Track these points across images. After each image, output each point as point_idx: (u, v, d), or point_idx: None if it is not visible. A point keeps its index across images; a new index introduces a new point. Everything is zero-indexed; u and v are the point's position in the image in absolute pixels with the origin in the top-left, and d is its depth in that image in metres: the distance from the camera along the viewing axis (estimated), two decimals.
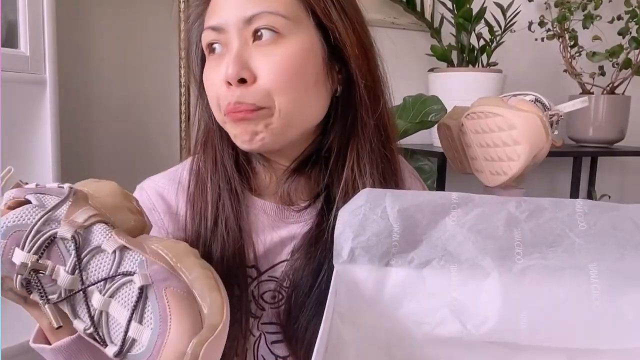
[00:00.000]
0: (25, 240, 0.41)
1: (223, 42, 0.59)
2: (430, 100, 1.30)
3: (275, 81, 0.57)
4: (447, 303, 0.48)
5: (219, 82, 0.59)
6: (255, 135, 0.58)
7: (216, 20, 0.59)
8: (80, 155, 1.33)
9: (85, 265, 0.41)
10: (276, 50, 0.57)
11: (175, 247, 0.43)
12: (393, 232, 0.50)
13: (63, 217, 0.42)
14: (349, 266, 0.50)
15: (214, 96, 0.60)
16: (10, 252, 0.41)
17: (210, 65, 0.61)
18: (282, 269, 0.65)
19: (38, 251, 0.41)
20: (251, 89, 0.57)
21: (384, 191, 0.53)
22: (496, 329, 0.46)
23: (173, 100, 1.38)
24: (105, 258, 0.42)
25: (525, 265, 0.48)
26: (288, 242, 0.65)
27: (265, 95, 0.57)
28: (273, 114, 0.58)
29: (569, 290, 0.46)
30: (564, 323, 0.46)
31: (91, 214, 0.44)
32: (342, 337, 0.47)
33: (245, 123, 0.58)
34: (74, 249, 0.41)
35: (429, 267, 0.49)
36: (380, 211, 0.51)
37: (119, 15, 1.37)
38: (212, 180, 0.64)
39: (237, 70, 0.56)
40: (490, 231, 0.49)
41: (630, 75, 1.87)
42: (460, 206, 0.51)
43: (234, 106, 0.57)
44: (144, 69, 1.41)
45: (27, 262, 0.40)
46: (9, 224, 0.42)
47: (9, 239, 0.41)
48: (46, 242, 0.41)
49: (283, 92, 0.57)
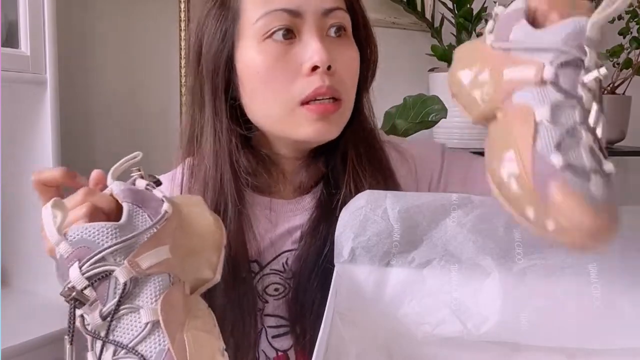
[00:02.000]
0: (87, 261, 0.40)
1: (296, 27, 0.58)
2: (430, 100, 1.30)
3: (349, 76, 0.60)
4: (448, 303, 0.48)
5: (294, 68, 0.58)
6: (327, 130, 0.60)
7: (295, 4, 0.57)
8: (80, 155, 1.33)
9: (120, 318, 0.41)
10: (348, 48, 0.61)
11: (208, 343, 0.42)
12: (394, 232, 0.50)
13: (129, 257, 0.41)
14: (350, 266, 0.50)
15: (285, 83, 0.58)
16: (70, 263, 0.41)
17: (275, 51, 0.58)
18: (282, 261, 0.65)
19: (91, 278, 0.40)
20: (335, 77, 0.58)
21: (385, 193, 0.53)
22: (496, 328, 0.47)
23: (174, 100, 1.38)
24: (137, 324, 0.40)
25: (526, 265, 0.48)
26: (290, 234, 0.66)
27: (344, 87, 0.60)
28: (345, 108, 0.61)
29: (569, 290, 0.46)
30: (564, 323, 0.46)
31: (160, 260, 0.42)
32: (342, 337, 0.48)
33: (326, 121, 0.59)
34: (119, 296, 0.40)
35: (430, 267, 0.49)
36: (381, 212, 0.51)
37: (120, 15, 1.37)
38: (213, 178, 0.63)
39: (329, 57, 0.57)
40: (491, 231, 0.49)
41: (631, 76, 1.87)
42: (461, 207, 0.51)
43: (327, 90, 0.57)
44: (144, 68, 1.41)
45: (75, 287, 0.40)
46: (83, 236, 0.41)
47: (76, 250, 0.41)
48: (102, 274, 0.40)
49: (353, 88, 0.62)
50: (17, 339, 0.91)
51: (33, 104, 1.03)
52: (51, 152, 1.03)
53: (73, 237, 0.41)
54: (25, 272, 1.14)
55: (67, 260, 0.41)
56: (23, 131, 1.06)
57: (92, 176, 0.50)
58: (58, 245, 0.41)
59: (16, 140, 1.06)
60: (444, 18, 1.74)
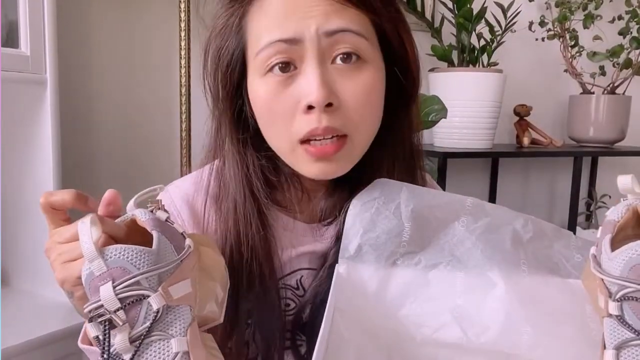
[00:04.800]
0: (121, 283, 0.40)
1: (297, 55, 0.53)
2: (430, 100, 1.30)
3: (360, 108, 0.54)
4: (451, 308, 0.48)
5: (290, 106, 0.53)
6: (333, 171, 0.56)
7: (291, 31, 0.52)
8: (80, 155, 1.33)
9: (148, 344, 0.40)
10: (361, 74, 0.54)
11: None
12: (404, 231, 0.49)
13: (163, 284, 0.41)
14: (354, 264, 0.50)
15: (283, 122, 0.54)
16: (103, 282, 0.40)
17: (273, 87, 0.54)
18: (296, 278, 0.63)
19: (124, 301, 0.40)
20: (337, 113, 0.53)
21: (401, 185, 0.51)
22: (497, 339, 0.46)
23: (174, 100, 1.38)
24: (167, 352, 0.40)
25: (532, 282, 0.48)
26: (306, 256, 0.64)
27: (350, 122, 0.54)
28: (354, 144, 0.55)
29: (569, 312, 0.46)
30: (564, 340, 0.46)
31: (188, 292, 0.43)
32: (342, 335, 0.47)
33: (327, 161, 0.54)
34: (150, 322, 0.40)
35: (436, 271, 0.49)
36: (393, 207, 0.50)
37: (120, 15, 1.37)
38: (239, 195, 0.60)
39: (325, 95, 0.51)
40: (498, 243, 0.49)
41: (631, 75, 1.87)
42: (472, 213, 0.50)
43: (323, 131, 0.52)
44: (144, 69, 1.41)
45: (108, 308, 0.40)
46: (121, 257, 0.41)
47: (111, 270, 0.40)
48: (136, 297, 0.40)
49: (366, 120, 0.55)
50: (17, 339, 0.91)
51: (33, 104, 1.03)
52: (51, 151, 1.03)
53: (111, 256, 0.41)
54: (25, 272, 1.14)
55: (98, 278, 0.40)
56: (23, 131, 1.05)
57: (105, 197, 0.48)
58: (92, 262, 0.40)
59: (16, 140, 1.06)
60: (444, 18, 1.73)
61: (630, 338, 0.37)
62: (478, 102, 1.64)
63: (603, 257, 0.40)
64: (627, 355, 0.37)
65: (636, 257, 0.37)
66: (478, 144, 1.69)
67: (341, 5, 0.52)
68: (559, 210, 2.17)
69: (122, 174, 1.37)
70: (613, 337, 0.38)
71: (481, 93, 1.64)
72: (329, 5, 0.52)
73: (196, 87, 1.27)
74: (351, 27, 0.53)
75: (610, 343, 0.38)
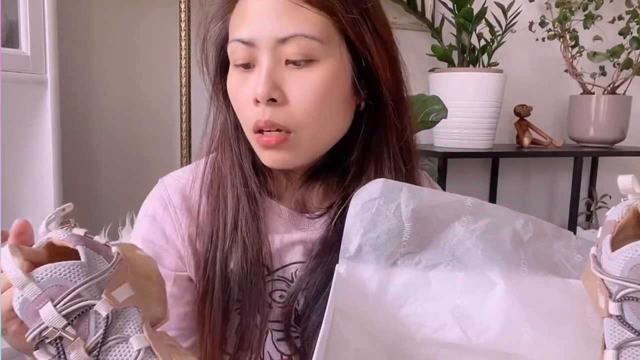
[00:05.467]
0: (62, 300, 0.40)
1: (252, 56, 0.57)
2: (431, 100, 1.30)
3: (307, 106, 0.57)
4: (451, 309, 0.48)
5: (247, 98, 0.58)
6: (280, 160, 0.59)
7: (247, 34, 0.57)
8: (80, 155, 1.33)
9: (107, 350, 0.40)
10: (310, 74, 0.57)
11: None
12: (404, 231, 0.49)
13: (105, 291, 0.41)
14: (354, 264, 0.50)
15: (242, 111, 0.60)
16: (41, 304, 0.40)
17: (237, 78, 0.60)
18: (292, 271, 0.65)
19: (70, 316, 0.40)
20: (282, 109, 0.57)
21: (401, 185, 0.51)
22: (497, 339, 0.46)
23: (174, 99, 1.38)
24: (128, 353, 0.40)
25: (532, 282, 0.48)
26: (298, 245, 0.65)
27: (294, 118, 0.57)
28: (300, 138, 0.58)
29: (569, 312, 0.46)
30: (564, 340, 0.46)
31: (130, 294, 0.43)
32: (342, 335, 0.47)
33: (275, 150, 0.58)
34: (103, 329, 0.40)
35: (436, 271, 0.49)
36: (394, 207, 0.50)
37: (120, 15, 1.37)
38: (231, 181, 0.64)
39: (268, 91, 0.55)
40: (499, 243, 0.49)
41: (631, 75, 1.87)
42: (472, 213, 0.50)
43: (264, 124, 0.57)
44: (144, 68, 1.41)
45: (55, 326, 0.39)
46: (54, 275, 0.40)
47: (47, 290, 0.40)
48: (81, 309, 0.40)
49: (314, 117, 0.57)
50: None
51: (33, 104, 1.03)
52: (51, 151, 1.03)
53: (42, 277, 0.40)
54: None
55: (34, 302, 0.40)
56: (23, 131, 1.05)
57: (15, 227, 0.47)
58: (23, 288, 0.40)
59: (16, 140, 1.06)
60: (444, 18, 1.74)
61: (631, 338, 0.37)
62: (478, 102, 1.64)
63: (603, 257, 0.40)
64: (627, 355, 0.37)
65: (636, 257, 0.37)
66: (478, 144, 1.69)
67: (295, 5, 0.56)
68: (559, 210, 2.17)
69: (122, 174, 1.38)
70: (613, 337, 0.38)
71: (481, 93, 1.64)
72: (284, 6, 0.56)
73: (196, 88, 1.27)
74: (304, 32, 0.55)
75: (611, 343, 0.38)
